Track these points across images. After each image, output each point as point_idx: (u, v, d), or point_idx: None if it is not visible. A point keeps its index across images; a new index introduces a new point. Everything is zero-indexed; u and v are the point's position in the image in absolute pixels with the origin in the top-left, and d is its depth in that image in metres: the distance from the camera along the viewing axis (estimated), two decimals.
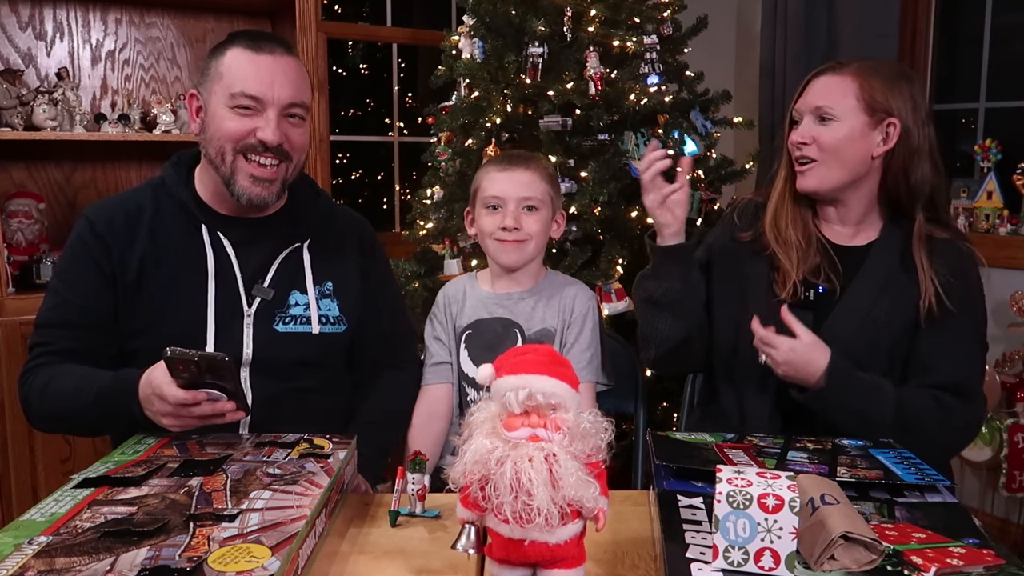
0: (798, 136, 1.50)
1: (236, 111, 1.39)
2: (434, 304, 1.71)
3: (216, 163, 1.42)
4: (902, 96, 1.47)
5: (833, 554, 0.88)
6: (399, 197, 3.64)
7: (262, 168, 1.41)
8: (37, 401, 1.40)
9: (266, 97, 1.39)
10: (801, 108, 1.51)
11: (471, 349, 1.63)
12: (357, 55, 4.19)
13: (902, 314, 1.47)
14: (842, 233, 1.56)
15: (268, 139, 1.38)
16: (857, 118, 1.46)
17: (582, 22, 2.36)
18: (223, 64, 1.40)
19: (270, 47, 1.41)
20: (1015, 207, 2.87)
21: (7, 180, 2.70)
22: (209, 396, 1.21)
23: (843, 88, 1.47)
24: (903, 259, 1.49)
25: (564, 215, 1.68)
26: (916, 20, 3.19)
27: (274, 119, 1.39)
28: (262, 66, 1.39)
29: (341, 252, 1.56)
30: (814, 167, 1.49)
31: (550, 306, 1.63)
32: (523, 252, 1.60)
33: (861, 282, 1.50)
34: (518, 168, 1.60)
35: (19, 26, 2.69)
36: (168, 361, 1.18)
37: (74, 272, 1.44)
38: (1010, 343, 2.78)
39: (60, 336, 1.42)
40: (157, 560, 0.85)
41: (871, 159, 1.48)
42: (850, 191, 1.51)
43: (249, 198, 1.42)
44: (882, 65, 1.51)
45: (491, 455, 0.86)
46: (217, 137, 1.40)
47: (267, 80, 1.39)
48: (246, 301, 1.45)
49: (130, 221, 1.45)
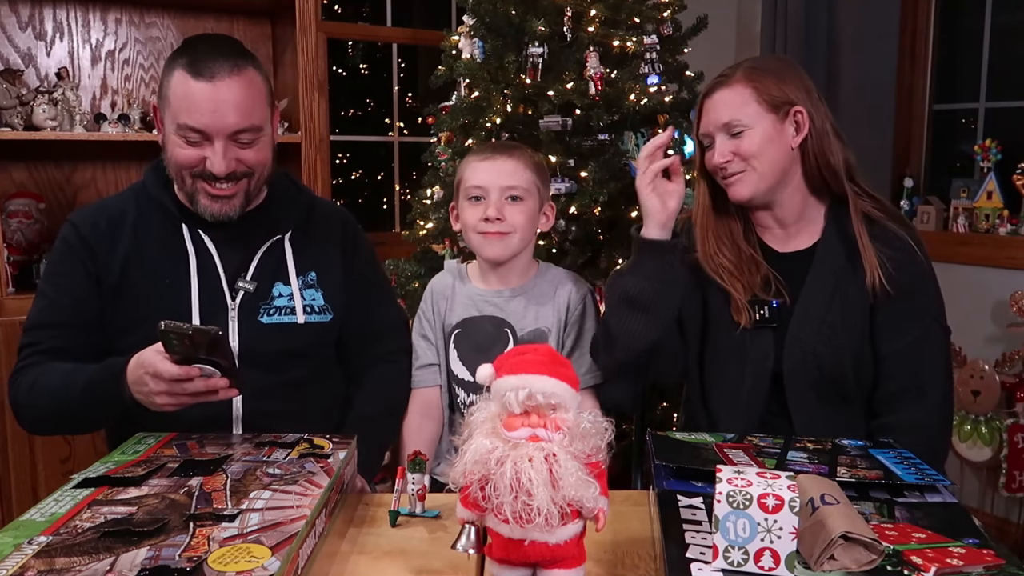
0: (718, 156, 1.48)
1: (184, 140, 1.39)
2: (422, 299, 1.67)
3: (178, 183, 1.45)
4: (793, 83, 1.47)
5: (833, 554, 0.88)
6: (399, 197, 3.64)
7: (219, 189, 1.42)
8: (25, 400, 1.41)
9: (209, 129, 1.37)
10: (708, 130, 1.51)
11: (461, 350, 1.60)
12: (357, 55, 4.19)
13: (858, 314, 1.46)
14: (783, 236, 1.55)
15: (216, 171, 1.39)
16: (765, 119, 1.46)
17: (582, 22, 2.36)
18: (170, 88, 1.39)
19: (211, 70, 1.36)
20: (1015, 207, 2.87)
21: (7, 180, 2.69)
22: (202, 372, 1.21)
23: (740, 97, 1.46)
24: (851, 254, 1.48)
25: (553, 207, 1.63)
26: (916, 20, 3.19)
27: (221, 150, 1.38)
28: (203, 96, 1.36)
29: (323, 242, 1.57)
30: (743, 176, 1.47)
31: (543, 305, 1.58)
32: (507, 245, 1.55)
33: (812, 287, 1.49)
34: (500, 157, 1.55)
35: (19, 26, 2.69)
36: (163, 334, 1.18)
37: (61, 275, 1.46)
38: (1010, 343, 2.78)
39: (48, 336, 1.43)
40: (157, 560, 0.85)
41: (791, 151, 1.48)
42: (781, 190, 1.50)
43: (212, 215, 1.44)
44: (763, 60, 1.53)
45: (491, 455, 0.86)
46: (173, 162, 1.42)
47: (208, 110, 1.36)
48: (229, 296, 1.46)
49: (113, 225, 1.47)
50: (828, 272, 1.49)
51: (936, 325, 1.50)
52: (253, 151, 1.42)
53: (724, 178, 1.50)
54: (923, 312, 1.48)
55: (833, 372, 1.46)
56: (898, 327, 1.46)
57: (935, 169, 3.29)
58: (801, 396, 1.47)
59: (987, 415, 2.75)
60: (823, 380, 1.46)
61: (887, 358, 1.47)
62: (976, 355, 2.81)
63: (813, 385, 1.47)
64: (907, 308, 1.46)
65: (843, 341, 1.46)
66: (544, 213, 1.60)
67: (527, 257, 1.62)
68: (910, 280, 1.45)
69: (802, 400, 1.47)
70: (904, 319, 1.46)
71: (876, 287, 1.43)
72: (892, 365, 1.46)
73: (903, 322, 1.46)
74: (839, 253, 1.49)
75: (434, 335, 1.63)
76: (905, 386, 1.46)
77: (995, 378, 2.72)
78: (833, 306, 1.47)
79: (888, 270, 1.43)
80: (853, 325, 1.46)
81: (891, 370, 1.47)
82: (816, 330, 1.46)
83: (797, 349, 1.46)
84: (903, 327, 1.46)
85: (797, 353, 1.46)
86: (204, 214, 1.44)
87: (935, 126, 3.25)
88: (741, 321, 1.49)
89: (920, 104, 3.23)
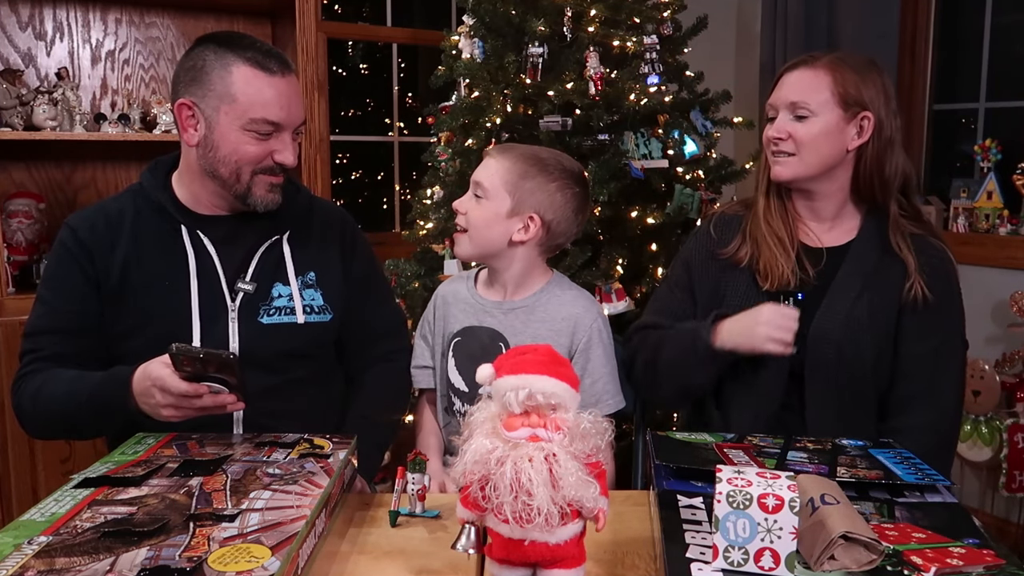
0: (774, 132, 1.50)
1: (253, 135, 1.40)
2: (429, 302, 1.65)
3: (229, 180, 1.43)
4: (875, 87, 1.47)
5: (833, 554, 0.88)
6: (399, 197, 3.63)
7: (276, 178, 1.45)
8: (30, 407, 1.41)
9: (285, 122, 1.41)
10: (776, 103, 1.51)
11: (459, 359, 1.55)
12: (357, 55, 4.19)
13: (884, 312, 1.47)
14: (818, 231, 1.55)
15: (289, 162, 1.43)
16: (832, 113, 1.46)
17: (582, 22, 2.36)
18: (233, 84, 1.38)
19: (279, 67, 1.41)
20: (1015, 207, 2.87)
21: (7, 180, 2.69)
22: (211, 389, 1.21)
23: (817, 83, 1.47)
24: (883, 256, 1.49)
25: (539, 220, 1.46)
26: (916, 20, 3.19)
27: (291, 142, 1.43)
28: (279, 90, 1.40)
29: (322, 242, 1.57)
30: (790, 160, 1.49)
31: (545, 324, 1.50)
32: (460, 244, 1.51)
33: (842, 282, 1.50)
34: (496, 155, 1.50)
35: (19, 26, 2.69)
36: (173, 357, 1.18)
37: (60, 279, 1.46)
38: (1010, 343, 2.78)
39: (50, 342, 1.43)
40: (157, 560, 0.85)
41: (846, 152, 1.49)
42: (824, 182, 1.51)
43: (266, 205, 1.46)
44: (853, 57, 1.51)
45: (491, 455, 0.86)
46: (234, 159, 1.41)
47: (284, 104, 1.41)
48: (229, 297, 1.46)
49: (111, 227, 1.46)
50: (859, 271, 1.49)
51: (958, 339, 1.52)
52: (297, 145, 1.48)
53: (773, 154, 1.51)
54: (949, 323, 1.50)
55: (854, 367, 1.46)
56: (923, 333, 1.47)
57: (935, 169, 3.29)
58: (820, 391, 1.47)
59: (987, 415, 2.75)
60: (843, 375, 1.46)
61: (907, 359, 1.48)
62: (976, 355, 2.80)
63: (833, 380, 1.47)
64: (935, 317, 1.47)
65: (867, 337, 1.46)
66: (525, 221, 1.46)
67: (520, 268, 1.51)
68: (943, 292, 1.48)
69: (820, 396, 1.47)
70: (930, 326, 1.47)
71: (915, 293, 1.45)
72: (911, 366, 1.47)
73: (929, 329, 1.47)
74: (873, 254, 1.50)
75: (433, 338, 1.61)
76: (920, 389, 1.47)
77: (995, 378, 2.72)
78: (860, 303, 1.47)
79: (925, 278, 1.46)
80: (879, 324, 1.47)
81: (909, 371, 1.47)
82: (843, 323, 1.46)
83: (821, 341, 1.46)
84: (928, 333, 1.47)
85: (821, 345, 1.46)
86: (257, 207, 1.45)
87: (935, 126, 3.25)
88: (765, 286, 1.49)
89: (920, 104, 3.23)
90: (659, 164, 2.31)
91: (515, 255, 1.50)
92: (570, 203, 1.49)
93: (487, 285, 1.58)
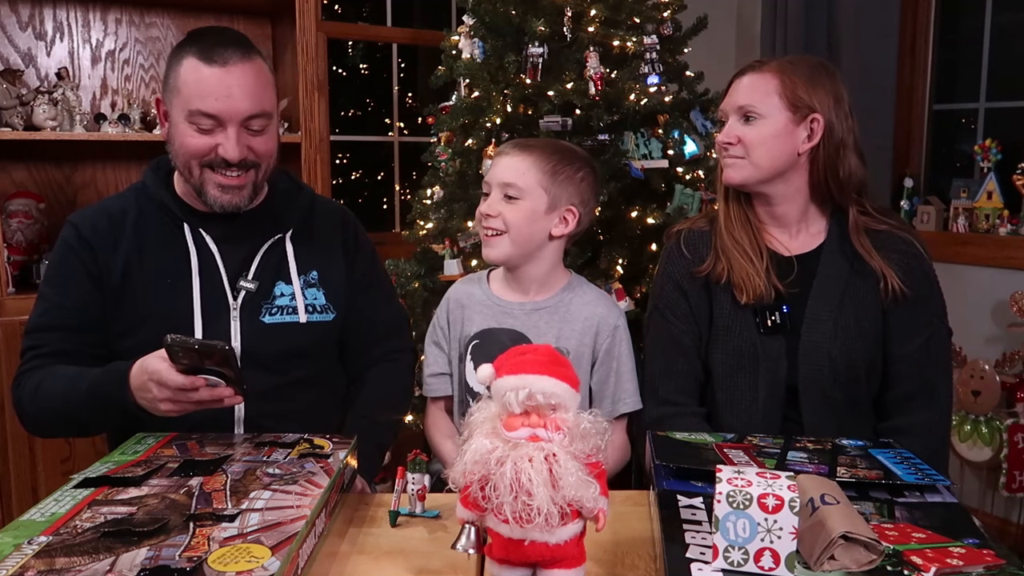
0: (723, 136, 1.51)
1: (196, 128, 1.38)
2: (439, 306, 1.62)
3: (185, 174, 1.43)
4: (824, 90, 1.47)
5: (833, 554, 0.88)
6: (399, 197, 3.63)
7: (228, 178, 1.41)
8: (30, 403, 1.41)
9: (223, 114, 1.36)
10: (726, 108, 1.52)
11: (477, 362, 1.52)
12: (357, 55, 4.19)
13: (870, 317, 1.47)
14: (783, 238, 1.54)
15: (229, 157, 1.38)
16: (780, 115, 1.46)
17: (582, 22, 2.36)
18: (179, 76, 1.38)
19: (223, 56, 1.36)
20: (1015, 207, 2.87)
21: (7, 180, 2.69)
22: (208, 382, 1.21)
23: (764, 86, 1.47)
24: (855, 260, 1.48)
25: (575, 212, 1.49)
26: (916, 20, 3.19)
27: (234, 135, 1.38)
28: (216, 81, 1.35)
29: (324, 241, 1.56)
30: (739, 162, 1.49)
31: (568, 324, 1.49)
32: (498, 247, 1.47)
33: (820, 290, 1.49)
34: (517, 153, 1.48)
35: (19, 26, 2.69)
36: (168, 348, 1.18)
37: (62, 276, 1.46)
38: (1010, 343, 2.78)
39: (51, 339, 1.43)
40: (157, 560, 0.85)
41: (797, 155, 1.48)
42: (778, 185, 1.51)
43: (221, 205, 1.43)
44: (803, 61, 1.52)
45: (491, 455, 0.86)
46: (182, 152, 1.41)
47: (222, 95, 1.35)
48: (231, 295, 1.46)
49: (114, 225, 1.46)
50: (835, 275, 1.49)
51: (942, 326, 1.52)
52: (262, 139, 1.42)
53: (724, 158, 1.52)
54: (931, 314, 1.50)
55: (848, 376, 1.46)
56: (909, 329, 1.47)
57: (935, 169, 3.29)
58: (816, 403, 1.46)
59: (987, 415, 2.75)
60: (837, 385, 1.46)
61: (899, 360, 1.48)
62: (976, 355, 2.81)
63: (827, 391, 1.46)
64: (917, 310, 1.48)
65: (857, 344, 1.46)
66: (562, 216, 1.48)
67: (547, 266, 1.52)
68: (919, 283, 1.48)
69: (816, 408, 1.46)
70: (915, 321, 1.48)
71: (892, 291, 1.45)
72: (905, 367, 1.48)
73: (914, 324, 1.48)
74: (845, 256, 1.49)
75: (447, 344, 1.59)
76: (917, 388, 1.47)
77: (995, 378, 2.72)
78: (844, 309, 1.47)
79: (899, 274, 1.45)
80: (866, 328, 1.47)
81: (904, 372, 1.48)
82: (831, 333, 1.46)
83: (813, 353, 1.46)
84: (914, 329, 1.48)
85: (812, 358, 1.46)
86: (213, 206, 1.43)
87: (935, 126, 3.25)
88: (742, 299, 1.48)
89: (920, 104, 3.23)
90: (659, 164, 2.31)
91: (547, 251, 1.51)
92: (592, 188, 1.53)
93: (505, 286, 1.56)
